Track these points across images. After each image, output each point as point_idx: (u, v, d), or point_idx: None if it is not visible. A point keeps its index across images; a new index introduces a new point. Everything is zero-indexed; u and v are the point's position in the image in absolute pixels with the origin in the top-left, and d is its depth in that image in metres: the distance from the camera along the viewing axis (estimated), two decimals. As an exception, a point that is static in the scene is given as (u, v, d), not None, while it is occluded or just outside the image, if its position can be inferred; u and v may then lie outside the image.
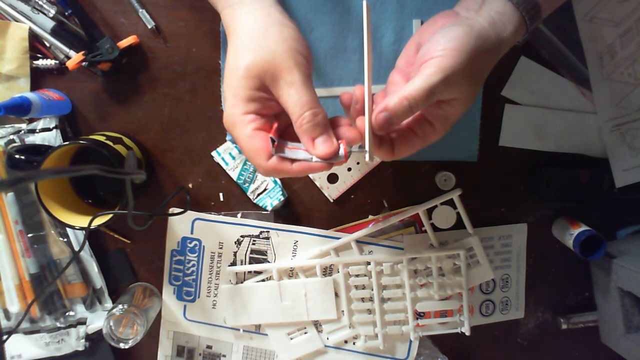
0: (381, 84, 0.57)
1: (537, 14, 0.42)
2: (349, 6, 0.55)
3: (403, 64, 0.46)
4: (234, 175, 0.59)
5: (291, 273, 0.61)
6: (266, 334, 0.62)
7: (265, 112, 0.42)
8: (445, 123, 0.43)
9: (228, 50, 0.42)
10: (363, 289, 0.60)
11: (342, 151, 0.41)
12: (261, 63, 0.39)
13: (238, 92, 0.40)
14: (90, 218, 0.50)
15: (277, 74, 0.39)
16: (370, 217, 0.61)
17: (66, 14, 0.55)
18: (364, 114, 0.41)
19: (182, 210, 0.57)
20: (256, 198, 0.60)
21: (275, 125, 0.42)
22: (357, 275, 0.60)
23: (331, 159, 0.41)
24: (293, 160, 0.41)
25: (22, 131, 0.56)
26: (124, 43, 0.54)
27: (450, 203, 0.59)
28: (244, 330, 0.62)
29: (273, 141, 0.41)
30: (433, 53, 0.39)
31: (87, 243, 0.59)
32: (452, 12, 0.44)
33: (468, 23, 0.41)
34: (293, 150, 0.42)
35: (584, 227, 0.58)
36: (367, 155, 0.41)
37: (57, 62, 0.56)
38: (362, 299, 0.60)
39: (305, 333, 0.62)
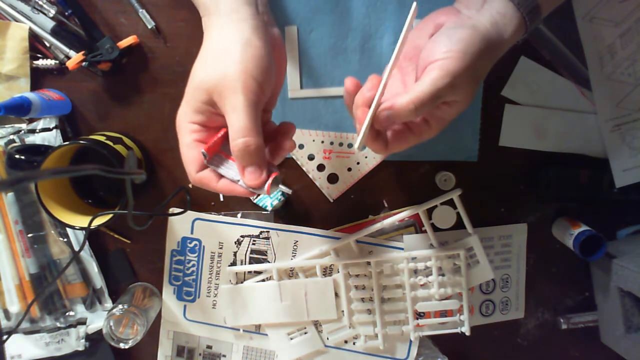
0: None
1: (537, 14, 0.42)
2: (349, 6, 0.55)
3: (401, 57, 0.46)
4: (234, 175, 0.59)
5: (291, 273, 0.61)
6: (266, 334, 0.62)
7: (211, 125, 0.42)
8: (441, 122, 0.43)
9: (197, 57, 0.42)
10: (363, 289, 0.60)
11: (266, 186, 0.41)
12: (212, 79, 0.39)
13: (189, 100, 0.41)
14: (90, 218, 0.50)
15: (224, 94, 0.39)
16: (370, 217, 0.61)
17: (66, 14, 0.55)
18: (367, 105, 0.41)
19: (182, 210, 0.57)
20: (256, 198, 0.60)
21: (217, 136, 0.42)
22: (357, 275, 0.60)
23: (256, 190, 0.41)
24: (221, 177, 0.42)
25: (22, 131, 0.56)
26: (124, 43, 0.54)
27: (450, 203, 0.59)
28: (244, 330, 0.62)
29: (205, 156, 0.41)
30: (438, 55, 0.39)
31: (87, 243, 0.59)
32: (453, 9, 0.44)
33: (471, 24, 0.40)
34: (226, 167, 0.42)
35: (584, 227, 0.58)
36: (356, 144, 0.42)
37: (57, 62, 0.55)
38: (362, 299, 0.60)
39: (305, 333, 0.62)
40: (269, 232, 0.60)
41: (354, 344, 0.62)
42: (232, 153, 0.40)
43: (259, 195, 0.42)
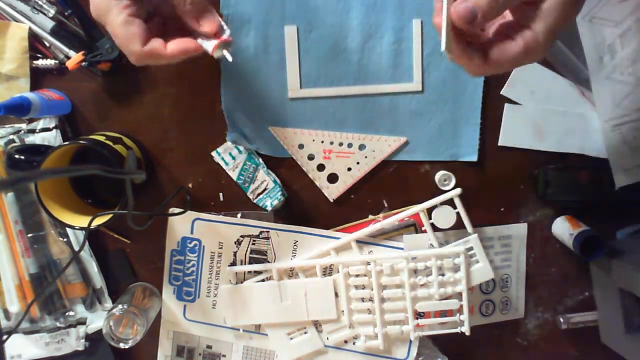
0: (381, 84, 0.57)
1: None
2: (349, 6, 0.55)
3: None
4: (234, 175, 0.59)
5: (291, 273, 0.61)
6: (266, 334, 0.62)
7: None
8: (546, 29, 0.36)
9: None
10: (363, 289, 0.60)
11: (211, 47, 0.42)
12: None
13: None
14: (90, 218, 0.50)
15: None
16: (370, 217, 0.61)
17: (66, 14, 0.55)
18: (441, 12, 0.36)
19: (182, 210, 0.57)
20: (256, 198, 0.60)
21: None
22: (357, 275, 0.60)
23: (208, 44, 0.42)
24: (166, 44, 0.41)
25: (22, 131, 0.56)
26: (123, 43, 0.54)
27: (450, 203, 0.59)
28: (244, 330, 0.62)
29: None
30: None
31: (87, 243, 0.59)
32: None
33: None
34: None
35: (584, 227, 0.58)
36: (442, 44, 0.35)
37: (57, 62, 0.55)
38: (362, 299, 0.60)
39: (305, 333, 0.62)
40: (269, 232, 0.60)
41: (354, 343, 0.62)
42: (180, 9, 0.40)
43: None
